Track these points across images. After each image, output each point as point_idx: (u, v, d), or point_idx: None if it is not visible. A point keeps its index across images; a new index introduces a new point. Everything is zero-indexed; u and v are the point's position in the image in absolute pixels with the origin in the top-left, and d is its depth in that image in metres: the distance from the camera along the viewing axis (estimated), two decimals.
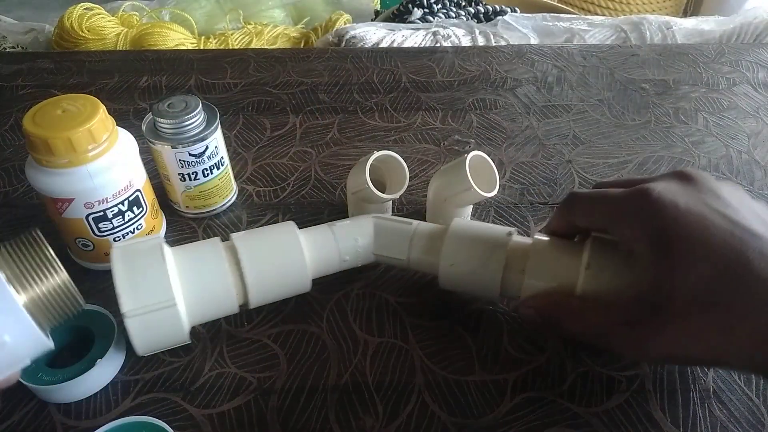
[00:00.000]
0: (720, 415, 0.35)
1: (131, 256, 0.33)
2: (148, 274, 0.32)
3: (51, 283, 0.29)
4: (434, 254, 0.37)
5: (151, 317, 0.32)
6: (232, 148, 0.55)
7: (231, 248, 0.36)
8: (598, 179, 0.51)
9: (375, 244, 0.39)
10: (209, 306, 0.35)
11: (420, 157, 0.54)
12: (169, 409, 0.35)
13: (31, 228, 0.30)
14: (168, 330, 0.33)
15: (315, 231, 0.38)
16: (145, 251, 0.33)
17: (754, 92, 0.63)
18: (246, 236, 0.37)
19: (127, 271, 0.32)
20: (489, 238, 0.36)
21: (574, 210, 0.35)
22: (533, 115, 0.60)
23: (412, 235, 0.38)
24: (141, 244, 0.34)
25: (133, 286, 0.31)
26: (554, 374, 0.37)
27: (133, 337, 0.32)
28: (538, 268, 0.35)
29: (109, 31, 1.10)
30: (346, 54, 0.70)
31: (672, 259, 0.28)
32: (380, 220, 0.39)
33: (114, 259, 0.32)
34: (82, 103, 0.37)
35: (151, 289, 0.32)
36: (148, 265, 0.32)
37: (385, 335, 0.39)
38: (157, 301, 0.32)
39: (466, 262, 0.36)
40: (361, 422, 0.34)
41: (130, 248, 0.33)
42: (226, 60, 0.69)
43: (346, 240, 0.38)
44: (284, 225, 0.38)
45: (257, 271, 0.35)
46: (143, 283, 0.32)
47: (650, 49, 0.71)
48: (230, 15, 1.25)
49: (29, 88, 0.64)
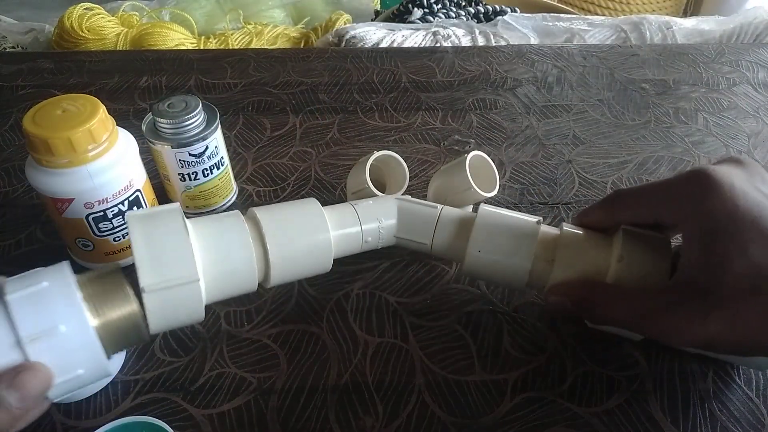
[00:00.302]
0: (720, 415, 0.35)
1: (150, 225, 0.30)
2: (170, 246, 0.29)
3: (122, 312, 0.28)
4: (461, 240, 0.36)
5: (171, 293, 0.29)
6: (232, 148, 0.55)
7: (253, 221, 0.33)
8: (598, 179, 0.51)
9: (398, 227, 0.37)
10: (228, 282, 0.32)
11: (420, 157, 0.54)
12: (169, 409, 0.35)
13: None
14: (186, 308, 0.30)
15: (338, 209, 0.37)
16: (165, 220, 0.30)
17: (754, 92, 0.63)
18: (269, 210, 0.34)
19: (146, 242, 0.29)
20: (518, 227, 0.35)
21: (620, 203, 0.34)
22: (533, 115, 0.60)
23: (438, 220, 0.37)
24: (160, 213, 0.30)
25: (154, 258, 0.28)
26: (554, 374, 0.37)
27: (149, 313, 0.29)
28: (568, 258, 0.34)
29: (109, 31, 1.10)
30: (346, 54, 0.70)
31: (724, 242, 0.28)
32: (404, 202, 0.38)
33: (131, 228, 0.29)
34: (82, 103, 0.37)
35: (173, 262, 0.29)
36: (169, 235, 0.29)
37: (385, 335, 0.39)
38: (179, 276, 0.29)
39: (495, 249, 0.35)
40: (361, 422, 0.34)
41: (149, 217, 0.30)
42: (226, 60, 0.69)
43: (369, 220, 0.37)
44: (307, 202, 0.36)
45: (281, 247, 0.33)
46: (164, 256, 0.29)
47: (650, 49, 0.71)
48: (230, 15, 1.25)
49: (29, 88, 0.64)
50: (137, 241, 0.29)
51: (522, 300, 0.41)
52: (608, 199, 0.35)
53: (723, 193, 0.29)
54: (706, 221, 0.29)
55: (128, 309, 0.28)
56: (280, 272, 0.34)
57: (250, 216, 0.34)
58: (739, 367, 0.37)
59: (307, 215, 0.35)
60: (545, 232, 0.35)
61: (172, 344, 0.38)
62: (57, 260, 0.29)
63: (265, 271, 0.33)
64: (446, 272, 0.43)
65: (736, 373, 0.37)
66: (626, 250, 0.33)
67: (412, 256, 0.44)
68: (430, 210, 0.37)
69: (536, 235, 0.35)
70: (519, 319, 0.40)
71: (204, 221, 0.32)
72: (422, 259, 0.44)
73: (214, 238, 0.31)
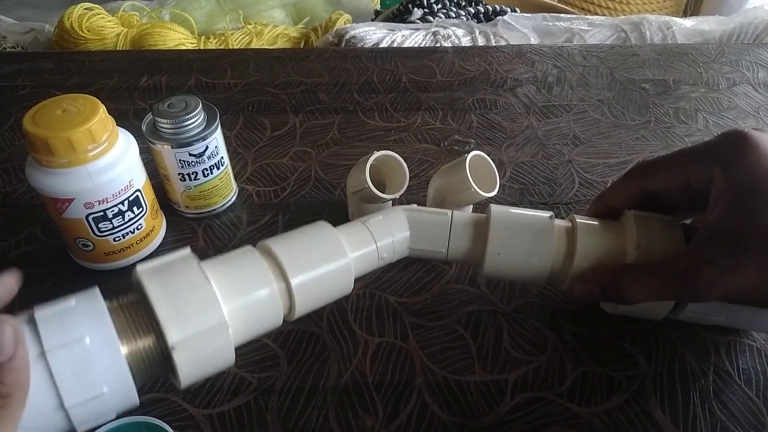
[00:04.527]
0: (720, 415, 0.35)
1: (165, 276, 0.28)
2: (192, 296, 0.27)
3: (150, 341, 0.26)
4: (478, 244, 0.36)
5: (201, 345, 0.27)
6: (232, 148, 0.55)
7: (269, 255, 0.32)
8: (598, 179, 0.51)
9: (411, 239, 0.36)
10: (255, 322, 0.31)
11: (420, 157, 0.54)
12: (169, 409, 0.35)
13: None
14: (217, 356, 0.28)
15: (350, 229, 0.35)
16: (181, 269, 0.28)
17: (754, 92, 0.63)
18: (282, 241, 0.33)
19: (166, 296, 0.27)
20: (533, 224, 0.35)
21: (649, 169, 0.35)
22: (533, 115, 0.60)
23: (451, 226, 0.36)
24: (173, 262, 0.29)
25: (178, 312, 0.26)
26: (554, 374, 0.37)
27: (181, 371, 0.26)
28: (587, 249, 0.34)
29: (109, 31, 1.10)
30: (346, 54, 0.70)
31: (762, 195, 0.29)
32: (413, 212, 0.37)
33: (146, 284, 0.27)
34: (82, 103, 0.37)
35: (198, 313, 0.27)
36: (189, 285, 0.28)
37: (385, 335, 0.39)
38: (208, 326, 0.27)
39: (514, 250, 0.35)
40: (361, 422, 0.34)
41: (162, 268, 0.28)
42: (226, 60, 0.69)
43: (383, 237, 0.35)
44: (319, 226, 0.34)
45: (303, 278, 0.31)
46: (188, 307, 0.27)
47: (650, 49, 0.71)
48: (230, 15, 1.25)
49: (29, 88, 0.64)
50: (156, 297, 0.27)
51: (522, 300, 0.41)
52: (633, 170, 0.36)
53: (759, 151, 0.30)
54: (741, 177, 0.29)
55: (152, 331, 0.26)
56: (304, 304, 0.32)
57: (263, 250, 0.32)
58: (740, 367, 0.37)
59: (323, 241, 0.33)
60: (559, 226, 0.36)
61: None
62: (57, 260, 0.28)
63: (290, 305, 0.32)
64: (446, 272, 0.43)
65: (736, 373, 0.37)
66: (641, 234, 0.33)
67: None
68: (441, 217, 0.37)
69: (552, 230, 0.35)
70: (519, 319, 0.40)
71: (219, 263, 0.31)
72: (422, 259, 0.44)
73: (234, 281, 0.30)
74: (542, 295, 0.41)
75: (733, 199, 0.29)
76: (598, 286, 0.33)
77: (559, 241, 0.35)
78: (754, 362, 0.37)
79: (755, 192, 0.29)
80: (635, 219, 0.34)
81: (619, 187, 0.36)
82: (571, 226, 0.35)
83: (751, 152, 0.30)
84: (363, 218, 0.36)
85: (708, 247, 0.30)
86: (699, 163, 0.32)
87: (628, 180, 0.36)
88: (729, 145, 0.31)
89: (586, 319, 0.40)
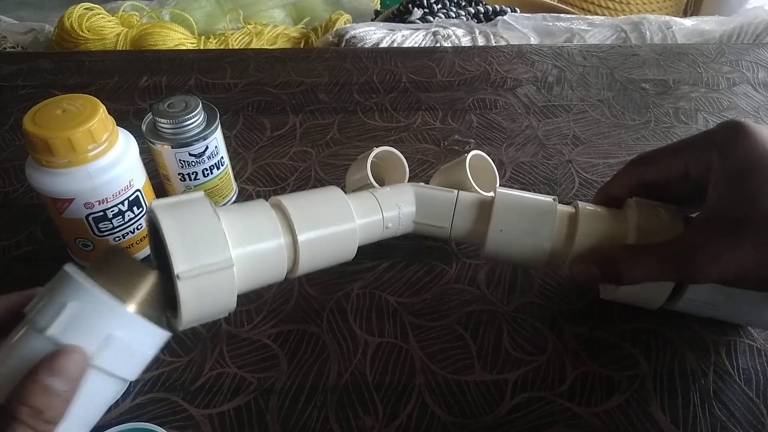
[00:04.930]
0: (720, 415, 0.35)
1: (180, 212, 0.28)
2: (203, 233, 0.28)
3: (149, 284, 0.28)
4: (481, 222, 0.37)
5: (206, 280, 0.28)
6: (232, 148, 0.55)
7: (280, 209, 0.33)
8: (598, 179, 0.51)
9: (417, 213, 0.38)
10: (258, 271, 0.31)
11: (420, 157, 0.54)
12: (169, 409, 0.35)
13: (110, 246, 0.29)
14: (219, 296, 0.29)
15: (359, 197, 0.36)
16: (195, 207, 0.29)
17: (754, 92, 0.63)
18: (294, 198, 0.34)
19: (178, 228, 0.27)
20: (537, 205, 0.36)
21: (648, 159, 0.36)
22: (533, 115, 0.60)
23: (456, 203, 0.37)
24: (188, 201, 0.30)
25: (187, 244, 0.27)
26: (554, 374, 0.37)
27: (183, 302, 0.27)
28: (588, 231, 0.35)
29: (109, 31, 1.10)
30: (346, 54, 0.70)
31: (757, 179, 0.29)
32: (420, 188, 0.38)
33: (160, 216, 0.28)
34: (82, 103, 0.37)
35: (206, 248, 0.28)
36: (201, 222, 0.28)
37: (385, 335, 0.39)
38: (214, 261, 0.28)
39: (516, 228, 0.36)
40: (361, 422, 0.34)
41: (177, 204, 0.29)
42: (226, 60, 0.69)
43: (390, 207, 0.37)
44: (331, 190, 0.35)
45: (310, 235, 0.32)
46: (198, 243, 0.28)
47: (650, 49, 0.71)
48: (230, 15, 1.25)
49: (29, 88, 0.64)
50: (168, 227, 0.27)
51: (522, 300, 0.41)
52: (632, 160, 0.36)
53: (755, 138, 0.30)
54: (738, 161, 0.30)
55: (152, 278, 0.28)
56: (308, 261, 0.33)
57: (275, 204, 0.33)
58: (740, 367, 0.37)
59: (333, 204, 0.34)
60: (562, 209, 0.36)
61: (172, 344, 0.38)
62: (57, 260, 0.28)
63: (294, 259, 0.33)
64: (446, 272, 0.43)
65: (736, 373, 0.37)
66: (642, 217, 0.34)
67: (411, 256, 0.44)
68: (447, 194, 0.38)
69: (555, 211, 0.36)
70: (519, 319, 0.40)
71: (231, 210, 0.31)
72: (422, 259, 0.44)
73: (243, 226, 0.30)
74: (542, 295, 0.41)
75: (731, 183, 0.30)
76: (598, 266, 0.34)
77: (560, 223, 0.35)
78: (754, 362, 0.37)
79: (752, 175, 0.29)
80: (636, 204, 0.35)
81: (619, 177, 0.37)
82: (574, 210, 0.36)
83: (747, 138, 0.30)
84: (372, 189, 0.37)
85: (706, 227, 0.31)
86: (697, 151, 0.33)
87: (628, 170, 0.37)
88: (726, 133, 0.32)
89: (586, 319, 0.40)
